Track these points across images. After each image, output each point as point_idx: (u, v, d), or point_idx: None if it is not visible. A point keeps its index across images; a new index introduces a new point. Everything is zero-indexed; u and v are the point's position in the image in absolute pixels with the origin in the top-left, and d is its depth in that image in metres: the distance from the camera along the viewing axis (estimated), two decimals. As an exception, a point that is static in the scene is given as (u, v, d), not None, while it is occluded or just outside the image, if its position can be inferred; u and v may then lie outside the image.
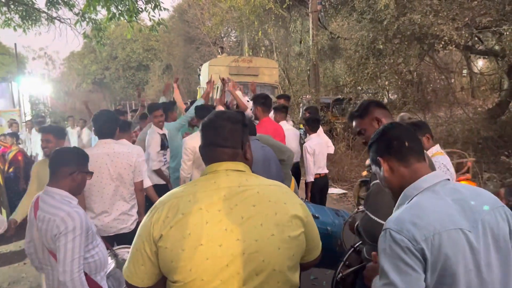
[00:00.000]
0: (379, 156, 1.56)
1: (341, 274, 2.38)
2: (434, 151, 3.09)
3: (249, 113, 4.71)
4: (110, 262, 2.60)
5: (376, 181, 2.04)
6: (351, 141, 9.89)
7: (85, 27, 9.29)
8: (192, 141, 4.09)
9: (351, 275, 2.34)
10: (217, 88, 10.42)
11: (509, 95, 9.79)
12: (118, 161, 3.38)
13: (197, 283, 1.38)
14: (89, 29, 9.66)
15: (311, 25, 13.28)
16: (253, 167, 3.26)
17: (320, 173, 5.17)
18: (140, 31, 9.30)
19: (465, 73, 13.21)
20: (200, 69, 14.09)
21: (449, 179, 1.47)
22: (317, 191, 5.20)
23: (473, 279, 1.31)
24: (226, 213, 1.41)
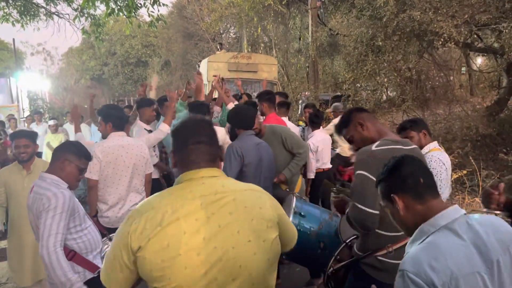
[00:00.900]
0: (394, 193, 1.51)
1: (332, 268, 2.41)
2: (431, 147, 3.09)
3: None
4: (108, 244, 2.70)
5: (358, 172, 2.09)
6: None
7: (83, 23, 9.28)
8: None
9: (342, 269, 2.38)
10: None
11: (508, 92, 9.79)
12: (133, 153, 3.48)
13: None
14: (87, 24, 9.65)
15: (310, 21, 13.28)
16: (246, 168, 3.28)
17: (323, 168, 5.18)
18: (139, 27, 9.29)
19: (464, 71, 13.22)
20: (199, 66, 14.04)
21: (466, 213, 1.44)
22: (319, 185, 5.21)
23: None
24: (203, 222, 1.43)
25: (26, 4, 8.94)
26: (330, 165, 5.35)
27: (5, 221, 3.82)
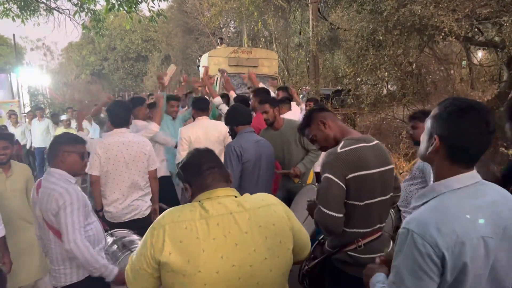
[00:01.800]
0: (438, 135, 1.38)
1: (306, 266, 2.43)
2: None
3: (218, 100, 4.76)
4: (109, 240, 2.77)
5: (324, 175, 2.11)
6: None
7: (84, 18, 9.26)
8: (187, 131, 4.15)
9: (316, 267, 2.41)
10: (216, 79, 10.41)
11: (509, 86, 9.78)
12: (133, 149, 3.49)
13: None
14: (88, 20, 9.63)
15: (310, 16, 13.24)
16: (244, 165, 3.29)
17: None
18: (139, 22, 9.26)
19: (464, 65, 13.19)
20: (199, 60, 14.04)
21: (480, 181, 1.40)
22: None
23: (481, 282, 1.32)
24: (220, 241, 1.50)
25: (26, -1, 8.91)
26: None
27: None
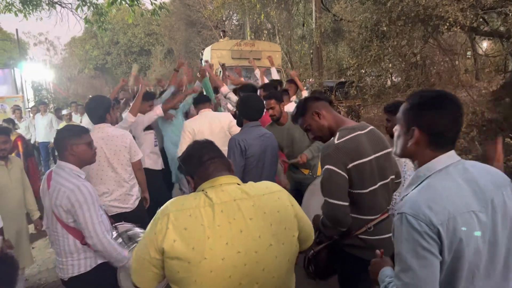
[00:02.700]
0: (416, 127, 1.43)
1: (312, 251, 2.43)
2: None
3: (225, 90, 4.82)
4: (113, 233, 2.77)
5: (325, 167, 2.13)
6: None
7: (86, 12, 9.24)
8: (191, 123, 4.15)
9: (323, 251, 2.42)
10: (219, 72, 10.38)
11: (514, 76, 9.71)
12: (113, 143, 3.46)
13: None
14: (90, 14, 9.61)
15: (314, 7, 13.15)
16: (248, 160, 3.26)
17: None
18: (141, 15, 9.23)
19: (469, 55, 13.09)
20: (202, 53, 13.98)
21: (460, 160, 1.45)
22: None
23: (478, 257, 1.34)
24: (225, 228, 1.50)
25: (28, -7, 8.91)
26: None
27: None
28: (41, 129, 9.91)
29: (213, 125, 4.17)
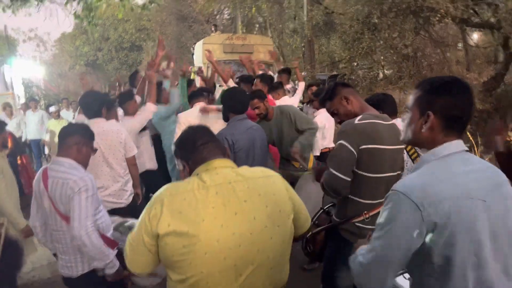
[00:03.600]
0: (432, 111, 1.42)
1: (311, 232, 2.51)
2: None
3: (232, 83, 4.79)
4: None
5: (340, 141, 2.24)
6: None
7: (75, 7, 9.13)
8: (186, 116, 4.13)
9: (321, 233, 2.54)
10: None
11: (505, 67, 9.76)
12: (108, 139, 3.46)
13: (197, 276, 1.48)
14: (80, 9, 9.49)
15: (305, 0, 13.10)
16: (237, 154, 3.26)
17: (329, 147, 5.18)
18: (132, 10, 9.15)
19: (460, 47, 13.14)
20: (193, 48, 13.90)
21: (467, 150, 1.46)
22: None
23: (477, 246, 1.33)
24: (220, 210, 1.50)
25: (16, -11, 8.78)
26: (333, 144, 5.36)
27: None
28: (32, 126, 9.80)
29: (207, 117, 4.16)
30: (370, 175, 2.27)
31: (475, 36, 14.70)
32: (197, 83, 7.35)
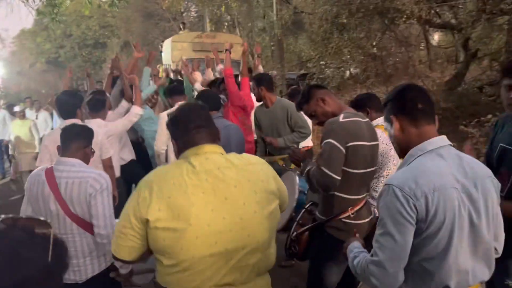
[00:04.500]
0: (392, 114, 1.61)
1: (295, 232, 2.59)
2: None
3: (198, 86, 4.99)
4: None
5: (328, 140, 2.28)
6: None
7: (38, 3, 8.82)
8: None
9: (305, 233, 2.57)
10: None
11: (465, 67, 10.18)
12: None
13: (189, 261, 1.48)
14: (42, 4, 9.16)
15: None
16: None
17: (307, 146, 5.24)
18: (99, 7, 8.94)
19: (423, 47, 13.59)
20: (162, 46, 13.70)
21: (451, 145, 1.57)
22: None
23: (465, 235, 1.45)
24: (210, 195, 1.51)
25: (-26, -17, 8.39)
26: (312, 143, 5.44)
27: None
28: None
29: None
30: (355, 171, 2.34)
31: (436, 36, 15.25)
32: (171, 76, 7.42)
